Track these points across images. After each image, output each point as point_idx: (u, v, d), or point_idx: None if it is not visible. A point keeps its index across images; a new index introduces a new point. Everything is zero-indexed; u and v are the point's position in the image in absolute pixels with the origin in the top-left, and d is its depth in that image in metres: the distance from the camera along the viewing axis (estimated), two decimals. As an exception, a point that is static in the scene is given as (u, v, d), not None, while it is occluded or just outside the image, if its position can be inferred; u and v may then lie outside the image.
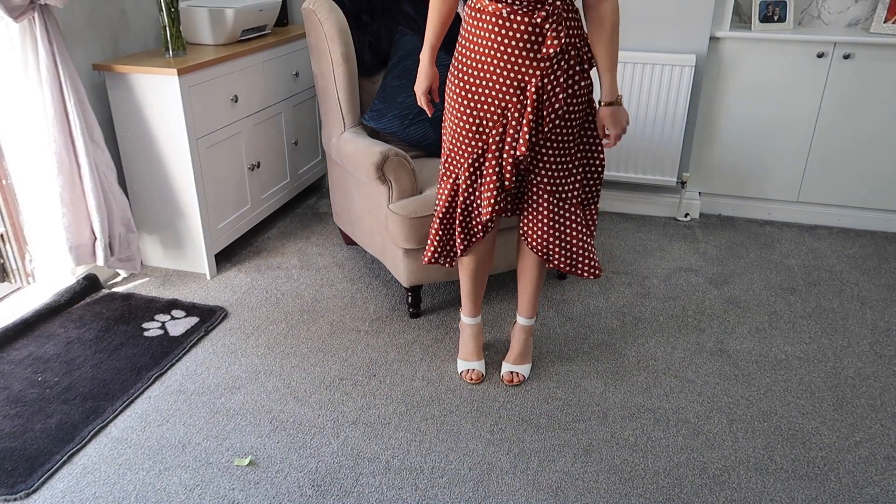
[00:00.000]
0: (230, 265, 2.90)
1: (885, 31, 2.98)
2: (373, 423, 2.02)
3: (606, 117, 1.91)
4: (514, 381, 2.19)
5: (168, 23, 2.58)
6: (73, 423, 1.98)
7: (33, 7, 2.18)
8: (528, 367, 2.24)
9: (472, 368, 2.21)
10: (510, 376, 2.19)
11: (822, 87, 3.08)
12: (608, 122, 1.91)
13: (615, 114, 1.90)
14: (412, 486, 1.80)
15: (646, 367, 2.28)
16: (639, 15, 3.07)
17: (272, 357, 2.31)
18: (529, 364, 2.25)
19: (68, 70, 2.30)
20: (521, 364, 2.23)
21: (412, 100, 2.64)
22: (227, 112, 2.75)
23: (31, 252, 2.61)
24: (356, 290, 2.72)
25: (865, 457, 1.91)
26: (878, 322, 2.54)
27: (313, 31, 2.58)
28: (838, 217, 3.32)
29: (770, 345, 2.41)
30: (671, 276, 2.85)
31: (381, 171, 2.33)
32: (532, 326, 2.25)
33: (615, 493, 1.79)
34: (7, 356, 2.27)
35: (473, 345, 2.25)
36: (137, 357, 2.28)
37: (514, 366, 2.22)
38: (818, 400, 2.13)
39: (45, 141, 2.37)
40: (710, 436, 1.98)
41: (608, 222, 3.36)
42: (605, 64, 1.85)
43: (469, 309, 2.24)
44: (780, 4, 3.07)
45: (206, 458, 1.88)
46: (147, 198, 2.73)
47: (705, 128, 3.27)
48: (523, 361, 2.23)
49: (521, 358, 2.23)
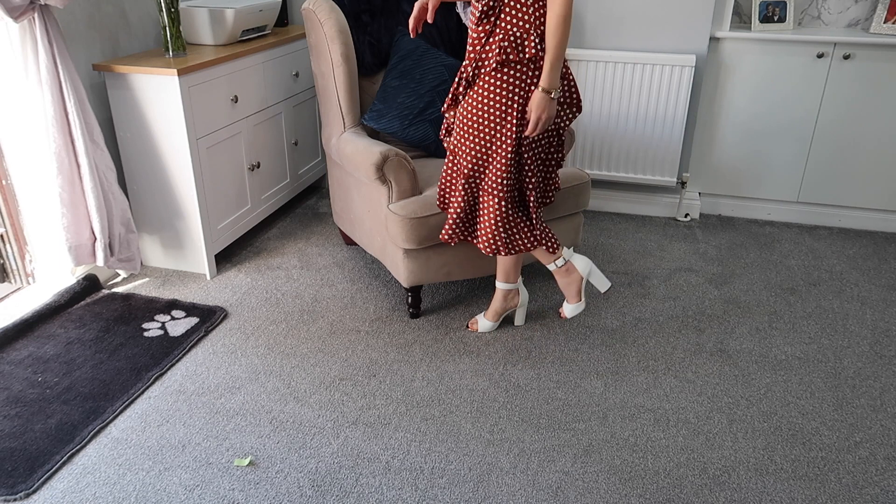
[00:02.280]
0: (230, 265, 2.90)
1: (885, 32, 2.98)
2: (373, 423, 2.02)
3: (533, 100, 1.99)
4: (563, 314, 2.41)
5: (168, 23, 2.58)
6: (73, 424, 1.98)
7: (33, 7, 2.18)
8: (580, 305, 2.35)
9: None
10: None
11: (822, 88, 3.08)
12: (532, 104, 1.99)
13: (540, 100, 1.97)
14: (412, 487, 1.80)
15: (646, 367, 2.28)
16: (639, 15, 3.08)
17: (272, 357, 2.31)
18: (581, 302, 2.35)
19: (68, 70, 2.30)
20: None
21: (412, 100, 2.64)
22: (227, 112, 2.75)
23: (31, 252, 2.61)
24: (356, 291, 2.72)
25: (865, 457, 1.91)
26: (878, 322, 2.54)
27: (313, 32, 2.58)
28: (838, 217, 3.32)
29: (770, 345, 2.41)
30: (671, 277, 2.85)
31: (381, 172, 2.33)
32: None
33: (615, 493, 1.79)
34: (7, 356, 2.27)
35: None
36: (137, 357, 2.28)
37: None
38: (818, 400, 2.13)
39: (44, 141, 2.37)
40: (710, 436, 1.98)
41: (608, 222, 3.36)
42: (546, 51, 1.95)
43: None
44: (780, 5, 3.07)
45: (206, 459, 1.88)
46: (147, 198, 2.73)
47: (705, 128, 3.27)
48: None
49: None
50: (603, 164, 3.33)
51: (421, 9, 2.10)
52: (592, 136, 3.28)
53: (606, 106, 3.20)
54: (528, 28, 1.94)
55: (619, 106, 3.19)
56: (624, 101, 3.17)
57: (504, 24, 1.95)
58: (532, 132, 2.02)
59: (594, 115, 3.24)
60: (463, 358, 2.32)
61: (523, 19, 1.93)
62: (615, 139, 3.26)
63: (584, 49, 3.17)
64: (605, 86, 3.17)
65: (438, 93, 2.66)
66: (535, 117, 1.99)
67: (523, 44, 1.95)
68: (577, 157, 3.34)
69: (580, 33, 3.18)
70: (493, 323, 2.44)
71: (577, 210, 2.60)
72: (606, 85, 3.16)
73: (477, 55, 2.03)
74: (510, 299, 2.42)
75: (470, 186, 2.16)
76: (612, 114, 3.21)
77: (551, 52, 1.92)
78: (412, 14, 2.11)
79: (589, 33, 3.17)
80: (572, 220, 2.61)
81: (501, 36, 1.95)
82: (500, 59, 1.96)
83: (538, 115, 1.99)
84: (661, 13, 3.05)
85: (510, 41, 1.95)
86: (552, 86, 1.96)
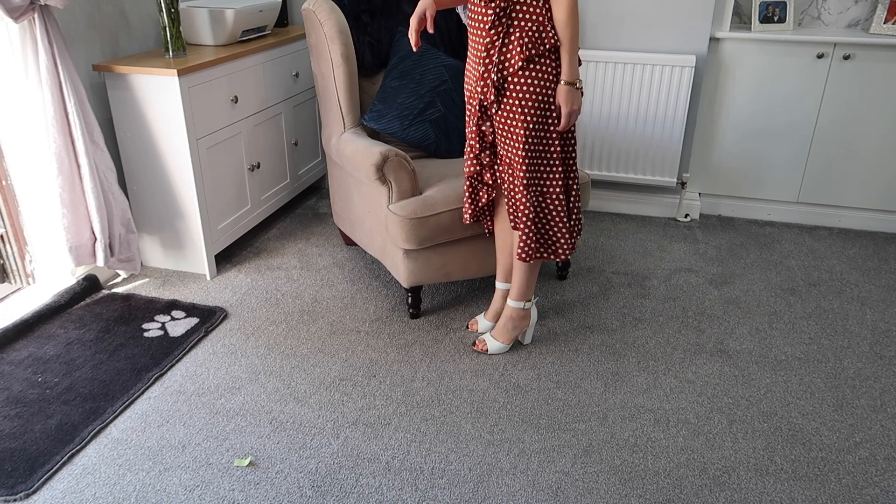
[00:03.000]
0: (230, 266, 2.90)
1: (885, 32, 2.98)
2: (373, 423, 2.02)
3: (560, 94, 2.01)
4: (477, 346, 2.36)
5: (168, 23, 2.58)
6: (73, 424, 1.98)
7: (33, 8, 2.18)
8: (500, 344, 2.34)
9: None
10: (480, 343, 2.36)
11: (822, 88, 3.08)
12: (560, 98, 2.01)
13: (567, 93, 2.00)
14: (412, 487, 1.80)
15: (646, 367, 2.28)
16: (639, 15, 3.08)
17: (272, 358, 2.31)
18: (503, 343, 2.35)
19: (68, 71, 2.30)
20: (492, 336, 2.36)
21: (412, 100, 2.64)
22: (227, 112, 2.75)
23: (32, 253, 2.61)
24: (356, 291, 2.72)
25: (865, 457, 1.91)
26: (879, 323, 2.54)
27: (313, 32, 2.58)
28: (838, 218, 3.32)
29: (770, 345, 2.41)
30: (671, 277, 2.85)
31: (381, 172, 2.33)
32: (517, 309, 2.32)
33: (615, 493, 1.79)
34: (7, 357, 2.27)
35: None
36: (137, 358, 2.28)
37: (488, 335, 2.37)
38: (818, 401, 2.13)
39: (45, 141, 2.37)
40: (710, 436, 1.98)
41: (608, 223, 3.36)
42: (562, 46, 1.97)
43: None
44: (780, 5, 3.07)
45: (206, 459, 1.88)
46: (147, 198, 2.73)
47: (705, 128, 3.27)
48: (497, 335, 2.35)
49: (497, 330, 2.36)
50: (603, 165, 3.33)
51: (420, 20, 2.05)
52: (592, 137, 3.28)
53: (606, 106, 3.20)
54: (542, 21, 1.95)
55: (619, 106, 3.19)
56: (624, 101, 3.17)
57: (519, 22, 1.95)
58: (565, 127, 2.04)
59: (594, 116, 3.24)
60: (463, 358, 2.32)
61: (537, 12, 1.94)
62: (615, 139, 3.26)
63: (585, 49, 3.17)
64: (605, 86, 3.17)
65: (438, 93, 2.66)
66: (567, 111, 2.01)
67: (542, 37, 1.96)
68: (577, 157, 3.33)
69: (580, 34, 3.18)
70: (493, 323, 2.44)
71: (577, 210, 2.60)
72: (606, 85, 3.16)
73: (498, 60, 2.00)
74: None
75: (531, 193, 2.11)
76: (612, 114, 3.21)
77: (568, 45, 1.95)
78: (411, 27, 2.06)
79: (589, 33, 3.17)
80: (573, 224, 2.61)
81: (519, 34, 1.96)
82: (524, 56, 1.96)
83: (569, 108, 2.01)
84: (661, 14, 3.05)
85: (529, 37, 1.95)
86: (574, 77, 1.99)
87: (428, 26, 2.02)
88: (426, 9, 2.03)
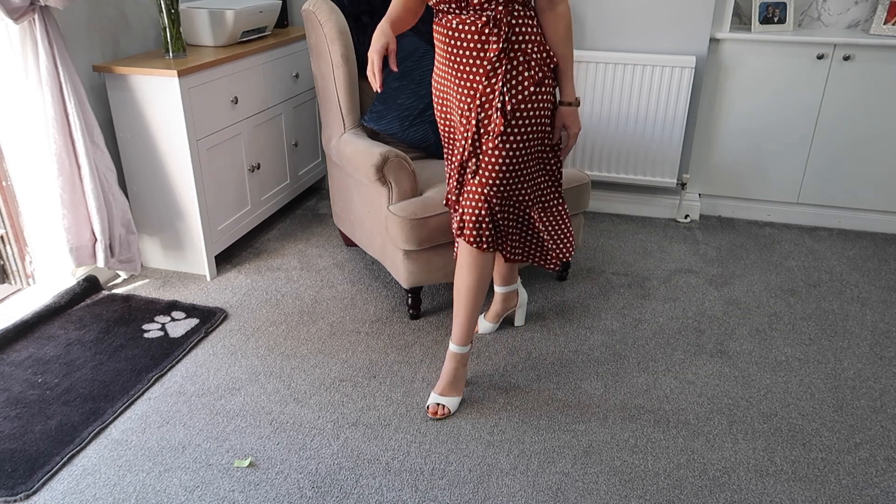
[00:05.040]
0: (230, 266, 2.90)
1: (885, 33, 2.98)
2: (373, 424, 2.02)
3: (567, 116, 1.94)
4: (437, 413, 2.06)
5: (168, 24, 2.58)
6: (73, 425, 1.98)
7: (33, 8, 2.18)
8: (457, 400, 2.09)
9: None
10: (435, 408, 2.06)
11: (822, 89, 3.08)
12: (568, 120, 1.95)
13: (572, 113, 1.94)
14: (412, 488, 1.80)
15: (646, 368, 2.28)
16: (639, 16, 3.08)
17: (272, 358, 2.31)
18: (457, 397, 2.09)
19: (68, 71, 2.30)
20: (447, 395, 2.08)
21: (412, 101, 2.64)
22: (227, 113, 2.76)
23: (32, 253, 2.61)
24: (356, 292, 2.72)
25: (865, 458, 1.91)
26: (879, 323, 2.54)
27: (313, 33, 2.58)
28: (838, 218, 3.32)
29: (770, 346, 2.41)
30: (671, 278, 2.85)
31: (381, 173, 2.33)
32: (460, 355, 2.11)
33: (615, 494, 1.79)
34: (7, 358, 2.27)
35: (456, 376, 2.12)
36: (137, 358, 2.28)
37: (441, 396, 2.08)
38: (818, 401, 2.13)
39: (45, 142, 2.37)
40: (710, 437, 1.98)
41: (608, 223, 3.36)
42: (561, 66, 1.91)
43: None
44: (780, 6, 3.07)
45: (206, 460, 1.88)
46: (147, 199, 2.73)
47: (705, 129, 3.27)
48: (450, 392, 2.09)
49: (448, 388, 2.09)
50: (603, 166, 3.33)
51: (380, 55, 1.81)
52: (592, 138, 3.28)
53: (606, 107, 3.21)
54: (540, 41, 1.87)
55: (619, 107, 3.19)
56: (624, 102, 3.17)
57: (521, 44, 1.84)
58: (570, 148, 2.01)
59: (594, 117, 3.24)
60: (463, 359, 2.32)
61: (531, 31, 1.85)
62: (615, 140, 3.26)
63: (584, 50, 3.17)
64: (604, 87, 3.17)
65: (438, 94, 2.66)
66: (574, 132, 1.97)
67: (544, 57, 1.87)
68: (577, 158, 3.34)
69: (580, 34, 3.18)
70: (493, 324, 2.45)
71: (578, 211, 2.60)
72: (606, 86, 3.16)
73: (509, 86, 1.83)
74: (509, 300, 2.43)
75: (547, 208, 2.08)
76: (611, 115, 3.21)
77: (569, 64, 1.90)
78: (373, 64, 1.81)
79: (589, 34, 3.17)
80: (572, 222, 2.61)
81: (523, 58, 1.84)
82: (536, 81, 1.85)
83: (576, 130, 1.97)
84: (661, 14, 3.05)
85: (535, 59, 1.85)
86: (574, 96, 1.94)
87: (391, 64, 1.81)
88: (387, 42, 1.81)
